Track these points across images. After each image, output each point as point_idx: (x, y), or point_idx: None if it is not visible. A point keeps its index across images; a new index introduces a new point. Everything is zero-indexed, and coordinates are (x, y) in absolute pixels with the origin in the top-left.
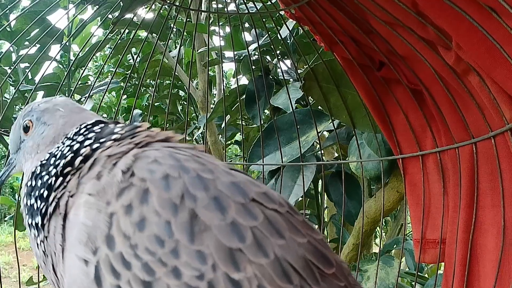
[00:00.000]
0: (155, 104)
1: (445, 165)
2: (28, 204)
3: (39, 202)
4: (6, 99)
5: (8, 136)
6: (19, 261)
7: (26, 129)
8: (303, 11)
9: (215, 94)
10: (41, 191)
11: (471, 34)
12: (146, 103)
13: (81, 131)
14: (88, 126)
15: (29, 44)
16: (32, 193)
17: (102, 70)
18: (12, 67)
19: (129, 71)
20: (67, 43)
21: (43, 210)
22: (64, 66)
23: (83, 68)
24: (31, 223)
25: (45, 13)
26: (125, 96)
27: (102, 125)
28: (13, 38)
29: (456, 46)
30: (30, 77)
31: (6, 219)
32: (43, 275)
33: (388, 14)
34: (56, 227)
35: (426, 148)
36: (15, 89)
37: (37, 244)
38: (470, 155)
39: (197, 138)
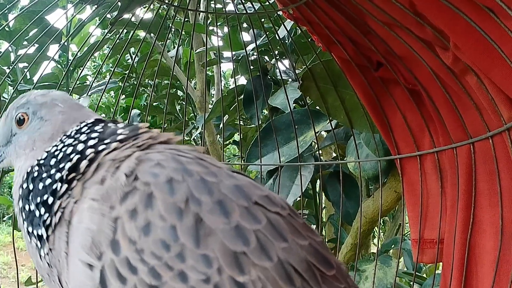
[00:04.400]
0: (154, 104)
1: (443, 165)
2: (27, 209)
3: (42, 209)
4: (4, 99)
5: None
6: (17, 261)
7: (20, 122)
8: (301, 11)
9: (213, 94)
10: (44, 197)
11: (468, 34)
12: (145, 103)
13: (83, 130)
14: (89, 125)
15: (28, 43)
16: (31, 197)
17: (101, 70)
18: (10, 66)
19: (128, 71)
20: (66, 43)
21: (48, 221)
22: (63, 66)
23: (82, 68)
24: (32, 231)
25: (43, 13)
26: (123, 96)
27: (103, 124)
28: (12, 37)
29: (453, 46)
30: (28, 77)
31: (4, 219)
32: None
33: (385, 15)
34: (61, 236)
35: (424, 148)
36: (13, 88)
37: (40, 256)
38: (468, 155)
39: (195, 138)
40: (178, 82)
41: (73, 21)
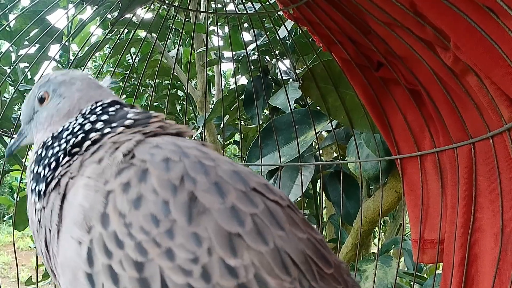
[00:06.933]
0: (154, 104)
1: (443, 165)
2: (35, 171)
3: (46, 170)
4: (5, 98)
5: (8, 136)
6: (17, 261)
7: (41, 100)
8: (301, 11)
9: (214, 94)
10: (51, 160)
11: (469, 35)
12: (145, 103)
13: (96, 110)
14: (104, 105)
15: (29, 43)
16: (41, 162)
17: (101, 70)
18: (11, 66)
19: (128, 71)
20: (67, 43)
21: (48, 179)
22: (64, 65)
23: (82, 68)
24: (34, 188)
25: (44, 13)
26: (124, 96)
27: (118, 106)
28: (13, 38)
29: (454, 46)
30: (29, 77)
31: (5, 219)
32: (42, 275)
33: (386, 15)
34: (54, 204)
35: (424, 148)
36: (14, 88)
37: (35, 210)
38: (468, 155)
39: (196, 138)
40: (178, 82)
41: (74, 21)
